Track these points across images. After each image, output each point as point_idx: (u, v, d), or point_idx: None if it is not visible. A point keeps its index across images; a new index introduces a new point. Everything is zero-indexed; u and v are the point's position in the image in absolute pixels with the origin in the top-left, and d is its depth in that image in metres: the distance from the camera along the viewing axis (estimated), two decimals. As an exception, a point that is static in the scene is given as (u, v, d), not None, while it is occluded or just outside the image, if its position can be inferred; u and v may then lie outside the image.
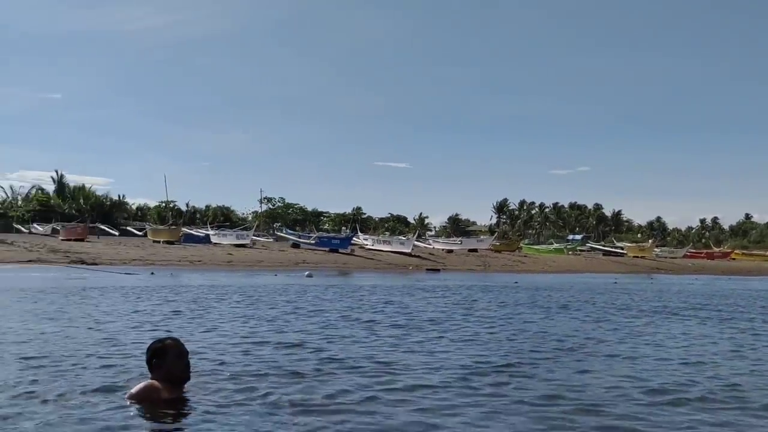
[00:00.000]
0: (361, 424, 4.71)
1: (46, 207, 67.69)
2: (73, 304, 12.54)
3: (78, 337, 8.32)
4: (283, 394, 5.41)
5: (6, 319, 9.95)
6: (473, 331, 10.13)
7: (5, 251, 28.32)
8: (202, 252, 34.36)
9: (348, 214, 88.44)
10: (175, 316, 10.89)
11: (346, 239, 42.70)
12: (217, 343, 8.05)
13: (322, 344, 8.25)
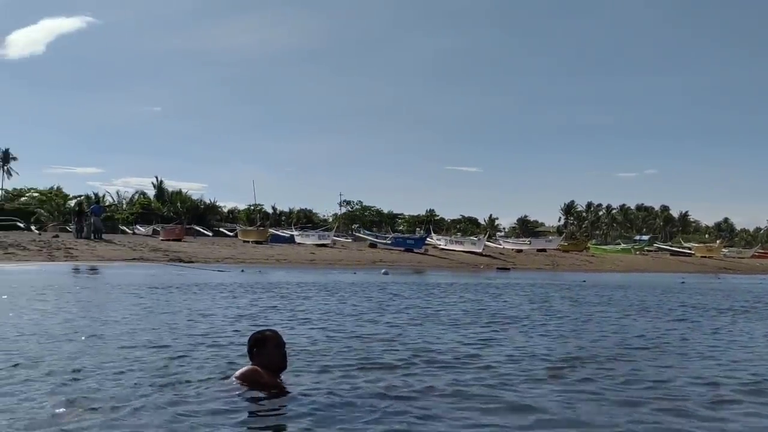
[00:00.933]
0: (451, 414, 4.60)
1: (148, 210, 69.93)
2: (177, 299, 12.84)
3: (185, 328, 8.56)
4: (375, 385, 5.38)
5: (124, 312, 10.38)
6: (555, 326, 9.90)
7: (112, 250, 29.39)
8: (287, 251, 34.85)
9: (421, 216, 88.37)
10: (269, 310, 11.03)
11: (420, 239, 42.51)
12: (310, 336, 8.10)
13: (409, 338, 8.18)
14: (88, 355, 6.39)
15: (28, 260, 24.37)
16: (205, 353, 6.65)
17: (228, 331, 8.32)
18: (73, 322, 8.94)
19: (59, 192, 68.72)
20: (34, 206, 63.09)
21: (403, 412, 4.58)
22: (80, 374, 5.50)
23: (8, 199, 68.96)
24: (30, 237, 33.37)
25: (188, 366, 5.95)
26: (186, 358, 6.36)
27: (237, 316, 10.03)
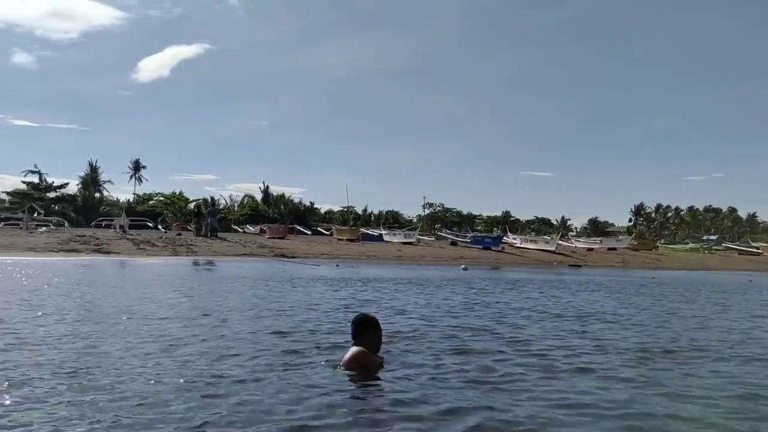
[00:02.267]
0: (538, 401, 4.52)
1: (255, 211, 72.11)
2: (286, 289, 13.19)
3: (296, 315, 8.85)
4: (467, 370, 5.41)
5: (243, 300, 10.89)
6: (637, 320, 9.61)
7: (226, 247, 30.54)
8: (376, 248, 35.19)
9: (498, 216, 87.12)
10: (369, 302, 11.08)
11: (497, 238, 41.94)
12: (409, 324, 8.16)
13: (497, 328, 8.11)
14: (220, 338, 6.73)
15: (156, 255, 25.67)
16: (316, 337, 6.89)
17: (334, 318, 8.52)
18: (203, 308, 9.51)
19: (181, 196, 71.70)
20: (161, 208, 66.19)
21: (494, 397, 4.59)
22: (219, 354, 5.83)
23: (139, 202, 72.54)
24: (157, 235, 35.08)
25: (303, 349, 6.14)
26: (300, 342, 6.56)
27: (340, 306, 10.13)
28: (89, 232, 33.63)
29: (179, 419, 3.81)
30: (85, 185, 71.63)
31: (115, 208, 63.97)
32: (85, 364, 5.19)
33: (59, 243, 26.66)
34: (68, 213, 58.47)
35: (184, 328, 7.32)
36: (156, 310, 8.94)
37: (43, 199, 62.56)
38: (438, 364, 5.62)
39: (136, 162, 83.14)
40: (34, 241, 27.24)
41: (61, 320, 7.70)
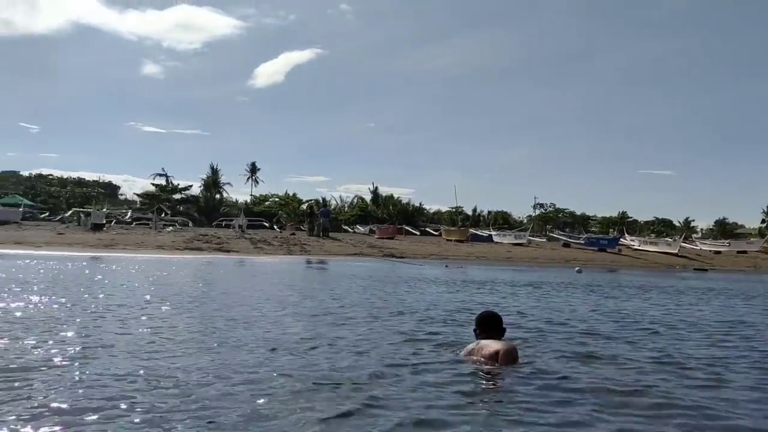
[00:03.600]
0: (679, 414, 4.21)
1: (365, 212, 73.35)
2: (405, 290, 13.24)
3: (419, 314, 8.96)
4: (595, 378, 5.13)
5: (361, 298, 11.12)
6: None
7: (337, 246, 31.31)
8: (486, 249, 34.77)
9: (614, 217, 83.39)
10: (484, 303, 10.80)
11: (613, 240, 40.19)
12: (530, 327, 8.00)
13: (629, 335, 7.66)
14: (345, 336, 6.84)
15: (272, 254, 26.75)
16: (442, 336, 6.89)
17: (457, 319, 8.47)
18: (324, 305, 9.81)
19: (294, 197, 74.19)
20: (276, 209, 68.86)
21: (627, 397, 4.43)
22: (348, 351, 5.95)
23: (256, 203, 75.77)
24: (273, 234, 36.58)
25: (431, 348, 6.19)
26: (426, 341, 6.58)
27: (460, 308, 9.99)
28: (211, 232, 35.64)
29: (315, 413, 3.89)
30: (207, 187, 75.84)
31: (234, 209, 67.26)
32: (225, 359, 5.45)
33: (184, 242, 28.42)
34: (192, 213, 62.17)
35: (309, 326, 7.52)
36: (282, 308, 9.27)
37: (169, 200, 66.92)
38: (567, 368, 5.43)
39: (253, 164, 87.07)
40: (163, 239, 29.21)
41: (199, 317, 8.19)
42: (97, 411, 3.76)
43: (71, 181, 77.86)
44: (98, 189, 75.38)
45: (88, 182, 78.78)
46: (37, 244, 24.69)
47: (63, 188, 72.42)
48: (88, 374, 4.64)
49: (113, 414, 3.72)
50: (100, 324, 7.08)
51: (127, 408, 3.84)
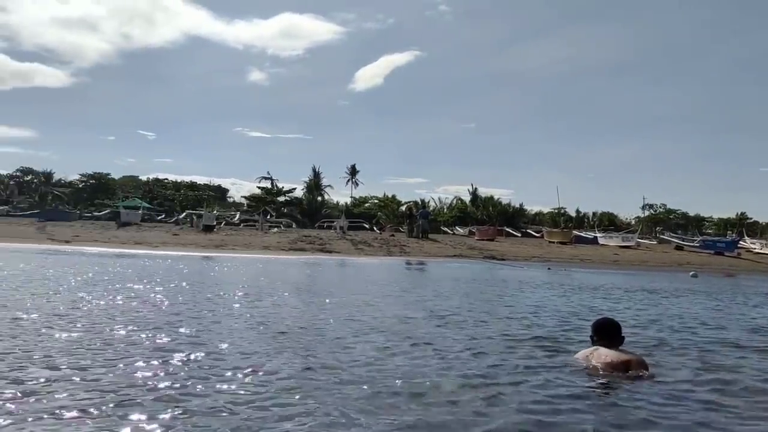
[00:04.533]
0: None
1: (464, 213, 72.72)
2: (508, 293, 12.98)
3: (532, 318, 8.76)
4: (726, 389, 4.83)
5: (466, 300, 10.97)
6: None
7: (437, 248, 31.22)
8: (590, 251, 33.48)
9: (732, 219, 78.01)
10: (596, 308, 10.49)
11: (731, 242, 37.52)
12: (652, 335, 7.53)
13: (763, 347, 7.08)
14: (459, 338, 6.81)
15: (372, 255, 27.05)
16: (560, 341, 6.75)
17: (574, 325, 8.19)
18: (429, 306, 9.78)
19: (394, 199, 74.80)
20: (375, 210, 69.73)
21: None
22: (467, 353, 5.93)
23: (356, 205, 77.05)
24: (373, 236, 37.02)
25: (546, 353, 6.06)
26: (539, 346, 6.44)
27: (568, 313, 9.62)
28: (314, 233, 36.58)
29: (436, 414, 3.89)
30: (309, 189, 77.97)
31: (335, 211, 68.78)
32: (339, 358, 5.54)
33: (289, 242, 29.32)
34: (295, 215, 64.08)
35: (422, 328, 7.52)
36: (394, 309, 9.33)
37: (274, 202, 69.38)
38: (697, 379, 5.14)
39: (353, 167, 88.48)
40: (268, 240, 30.28)
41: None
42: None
43: (184, 184, 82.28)
44: (209, 192, 79.31)
45: (200, 186, 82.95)
46: (154, 244, 26.29)
47: (177, 192, 76.72)
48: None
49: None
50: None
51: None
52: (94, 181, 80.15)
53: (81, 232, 30.58)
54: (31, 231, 30.12)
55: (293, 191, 76.03)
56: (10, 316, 7.04)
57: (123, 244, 26.07)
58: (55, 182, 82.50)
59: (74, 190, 79.24)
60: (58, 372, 4.57)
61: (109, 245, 25.50)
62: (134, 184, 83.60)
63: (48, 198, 72.10)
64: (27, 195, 74.39)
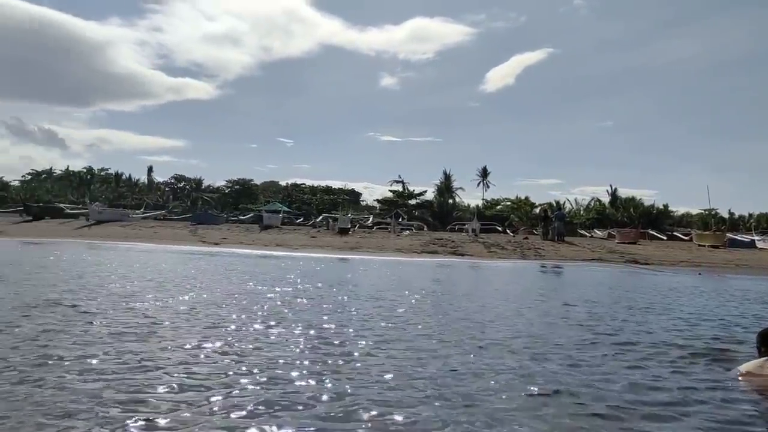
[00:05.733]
0: None
1: (602, 215, 69.82)
2: (659, 300, 12.24)
3: (691, 329, 8.29)
4: None
5: (624, 311, 10.49)
6: None
7: (573, 251, 30.11)
8: (747, 256, 30.70)
9: None
10: (764, 315, 9.76)
11: None
12: None
13: None
14: (621, 345, 6.64)
15: (505, 258, 26.64)
16: (715, 353, 6.36)
17: (728, 334, 7.72)
18: (573, 312, 9.53)
19: (527, 200, 73.45)
20: (507, 212, 68.70)
21: None
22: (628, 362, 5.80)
23: (487, 207, 76.37)
24: (506, 238, 36.47)
25: (705, 364, 5.80)
26: (700, 356, 6.15)
27: (728, 323, 8.96)
28: (445, 236, 36.69)
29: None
30: (440, 192, 78.37)
31: (466, 213, 68.60)
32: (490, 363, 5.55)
33: (421, 245, 29.59)
34: (426, 218, 64.70)
35: (577, 333, 7.35)
36: (536, 317, 9.20)
37: (406, 205, 70.50)
38: None
39: (484, 169, 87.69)
40: (401, 243, 30.74)
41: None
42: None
43: (320, 189, 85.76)
44: (343, 196, 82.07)
45: (335, 190, 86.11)
46: (294, 246, 27.61)
47: (313, 196, 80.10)
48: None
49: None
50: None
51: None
52: (239, 186, 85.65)
53: (228, 234, 32.77)
54: (185, 233, 32.72)
55: (424, 194, 76.93)
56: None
57: (266, 245, 27.60)
58: (205, 188, 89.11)
59: (221, 195, 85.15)
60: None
61: (254, 247, 27.10)
62: (274, 189, 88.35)
63: (198, 203, 77.97)
64: (180, 200, 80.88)
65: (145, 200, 64.88)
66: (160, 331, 6.43)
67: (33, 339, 5.85)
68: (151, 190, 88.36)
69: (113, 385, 4.33)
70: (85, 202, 48.67)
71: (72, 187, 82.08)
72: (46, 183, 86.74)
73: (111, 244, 26.40)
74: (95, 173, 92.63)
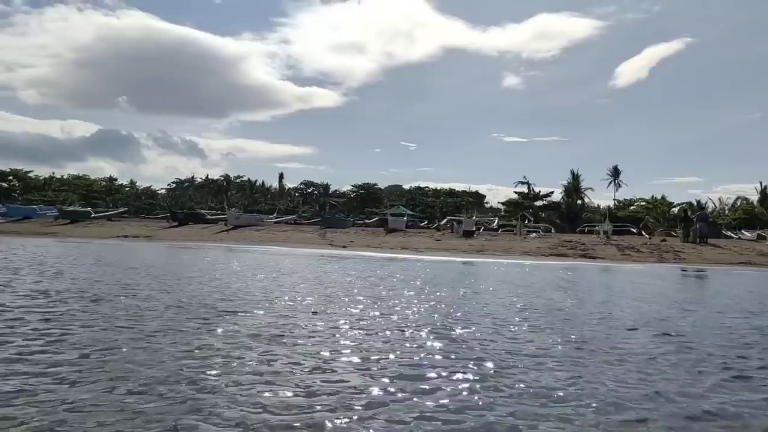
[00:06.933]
0: None
1: (750, 215, 64.47)
2: None
3: None
4: None
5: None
6: None
7: (718, 254, 28.06)
8: None
9: None
10: None
11: None
12: None
13: None
14: None
15: (641, 261, 25.27)
16: None
17: None
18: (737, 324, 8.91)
19: (663, 200, 69.39)
20: (642, 213, 65.14)
21: None
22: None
23: (619, 208, 72.81)
24: (641, 241, 34.58)
25: None
26: None
27: None
28: (574, 238, 35.43)
29: None
30: (568, 193, 75.73)
31: (596, 215, 65.87)
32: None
33: (549, 248, 28.79)
34: (554, 219, 62.86)
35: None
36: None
37: (532, 207, 68.83)
38: None
39: (615, 168, 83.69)
40: (528, 245, 30.07)
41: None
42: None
43: (443, 191, 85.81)
44: (467, 198, 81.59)
45: (458, 192, 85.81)
46: (419, 249, 27.84)
47: (437, 198, 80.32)
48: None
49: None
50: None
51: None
52: (364, 191, 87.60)
53: (354, 238, 33.64)
54: (315, 237, 33.99)
55: (551, 195, 74.80)
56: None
57: (391, 249, 28.06)
58: (332, 193, 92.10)
59: (347, 199, 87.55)
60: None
61: (379, 250, 27.63)
62: (398, 192, 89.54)
63: (326, 207, 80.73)
64: (309, 205, 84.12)
65: (277, 205, 68.16)
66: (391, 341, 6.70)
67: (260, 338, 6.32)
68: (282, 195, 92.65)
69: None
70: (224, 208, 51.87)
71: (211, 194, 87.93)
72: (189, 190, 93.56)
73: (252, 247, 28.05)
74: (231, 180, 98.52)
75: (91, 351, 5.49)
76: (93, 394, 4.21)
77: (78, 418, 3.75)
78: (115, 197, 75.57)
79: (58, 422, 3.67)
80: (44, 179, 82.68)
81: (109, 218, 46.92)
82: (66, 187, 78.09)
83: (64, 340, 5.90)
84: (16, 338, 5.92)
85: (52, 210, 47.40)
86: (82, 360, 5.19)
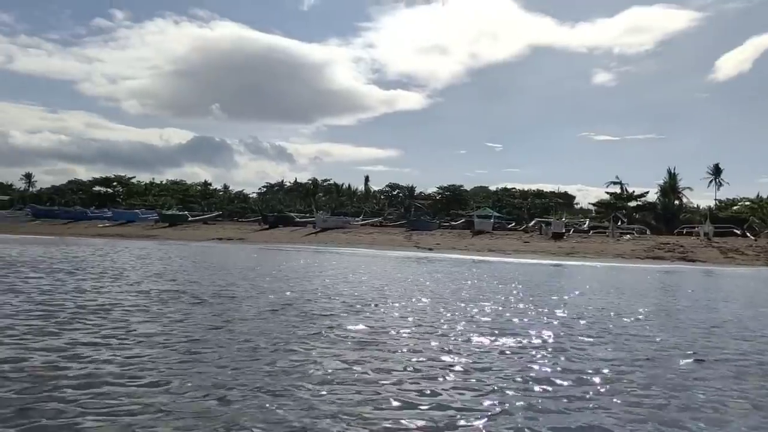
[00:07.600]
0: None
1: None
2: None
3: None
4: None
5: None
6: None
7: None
8: None
9: None
10: None
11: None
12: None
13: None
14: None
15: (747, 264, 23.92)
16: None
17: None
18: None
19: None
20: (747, 214, 61.48)
21: None
22: None
23: (721, 208, 69.05)
24: (745, 243, 32.67)
25: None
26: None
27: None
28: (671, 240, 33.87)
29: None
30: (664, 193, 72.41)
31: (695, 215, 62.75)
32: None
33: (644, 250, 27.71)
34: (649, 221, 60.31)
35: None
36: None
37: (625, 208, 66.35)
38: None
39: (716, 166, 79.35)
40: (621, 248, 29.05)
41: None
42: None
43: (531, 193, 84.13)
44: (555, 199, 79.66)
45: (546, 193, 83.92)
46: (507, 252, 27.49)
47: (524, 200, 78.86)
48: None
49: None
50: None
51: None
52: (449, 193, 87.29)
53: (441, 240, 33.62)
54: (401, 239, 34.23)
55: (645, 195, 71.77)
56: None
57: (478, 251, 27.85)
58: (417, 195, 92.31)
59: (432, 201, 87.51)
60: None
61: (466, 252, 27.50)
62: (484, 194, 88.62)
63: (411, 209, 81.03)
64: (395, 207, 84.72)
65: (363, 208, 69.10)
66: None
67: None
68: (368, 198, 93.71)
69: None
70: (312, 211, 53.14)
71: (299, 197, 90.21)
72: (278, 194, 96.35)
73: (341, 249, 28.61)
74: (319, 184, 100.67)
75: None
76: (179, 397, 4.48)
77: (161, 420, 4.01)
78: (209, 201, 78.94)
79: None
80: (145, 185, 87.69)
81: (205, 221, 49.11)
82: (165, 192, 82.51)
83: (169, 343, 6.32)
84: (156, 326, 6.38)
85: (153, 214, 50.27)
86: (181, 362, 5.52)
